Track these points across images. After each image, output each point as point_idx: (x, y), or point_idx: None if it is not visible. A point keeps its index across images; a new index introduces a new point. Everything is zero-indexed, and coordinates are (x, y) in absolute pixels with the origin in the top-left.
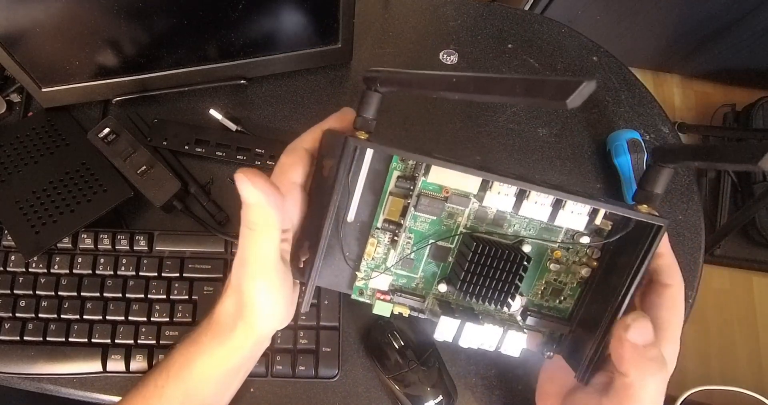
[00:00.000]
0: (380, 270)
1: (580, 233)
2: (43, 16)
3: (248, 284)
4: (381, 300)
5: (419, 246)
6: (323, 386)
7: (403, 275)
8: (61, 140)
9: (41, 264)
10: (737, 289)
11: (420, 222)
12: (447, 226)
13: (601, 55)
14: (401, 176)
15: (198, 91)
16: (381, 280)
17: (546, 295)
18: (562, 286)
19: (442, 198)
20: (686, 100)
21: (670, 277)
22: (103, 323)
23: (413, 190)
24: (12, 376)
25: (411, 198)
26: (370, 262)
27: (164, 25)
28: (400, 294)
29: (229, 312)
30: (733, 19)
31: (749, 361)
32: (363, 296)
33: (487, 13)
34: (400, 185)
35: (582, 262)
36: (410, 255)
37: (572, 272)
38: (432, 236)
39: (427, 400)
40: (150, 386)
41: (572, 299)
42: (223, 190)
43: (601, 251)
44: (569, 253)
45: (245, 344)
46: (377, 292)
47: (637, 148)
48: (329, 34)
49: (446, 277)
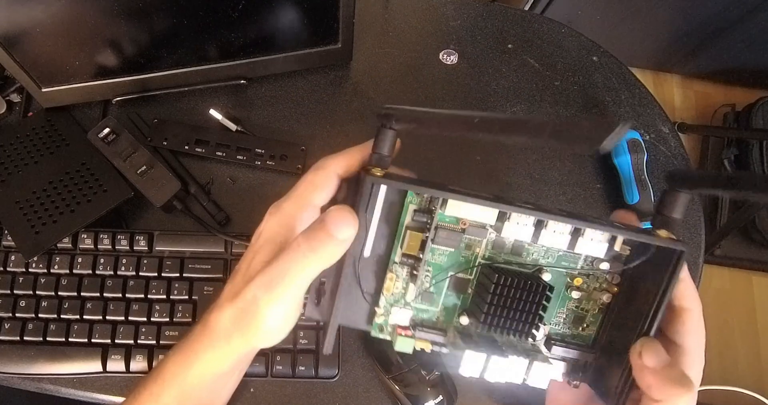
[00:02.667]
0: (400, 305)
1: (600, 259)
2: (43, 16)
3: (267, 306)
4: (402, 335)
5: (438, 279)
6: (323, 386)
7: (423, 309)
8: (61, 140)
9: (41, 264)
10: (737, 289)
11: (438, 255)
12: (465, 258)
13: (601, 55)
14: (417, 210)
15: (198, 91)
16: (401, 315)
17: (568, 323)
18: (584, 314)
19: (460, 230)
20: (686, 100)
21: (690, 301)
22: (103, 323)
23: (431, 224)
24: (12, 376)
25: (429, 231)
26: (389, 298)
27: (164, 25)
28: (421, 328)
29: (225, 324)
30: (733, 19)
31: (749, 361)
32: (383, 333)
33: (487, 13)
34: (417, 219)
35: (603, 288)
36: (429, 288)
37: (593, 299)
38: (451, 268)
39: (427, 400)
40: (144, 395)
41: (594, 326)
42: (223, 190)
43: (621, 277)
44: (590, 280)
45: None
46: (398, 327)
47: (637, 148)
48: (329, 34)
49: (467, 310)
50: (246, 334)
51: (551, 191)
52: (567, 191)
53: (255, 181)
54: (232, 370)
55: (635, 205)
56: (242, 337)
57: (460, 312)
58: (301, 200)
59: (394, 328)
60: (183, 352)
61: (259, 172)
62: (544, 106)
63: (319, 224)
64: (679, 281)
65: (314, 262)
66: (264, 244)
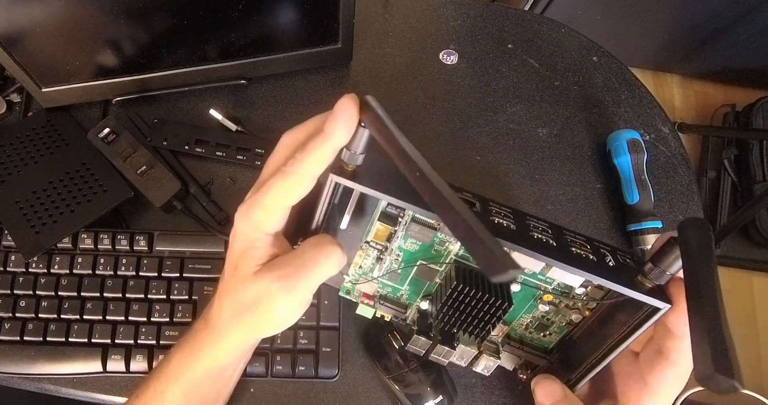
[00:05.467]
0: (367, 278)
1: (573, 288)
2: (43, 16)
3: (282, 300)
4: (365, 303)
5: (407, 264)
6: (323, 386)
7: (389, 285)
8: (61, 140)
9: (41, 264)
10: (737, 289)
11: (410, 242)
12: (437, 252)
13: (601, 55)
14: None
15: (198, 91)
16: (367, 286)
17: (531, 328)
18: (549, 323)
19: (434, 227)
20: (686, 100)
21: (681, 359)
22: (103, 323)
23: (402, 218)
24: (12, 376)
25: (399, 225)
26: (358, 270)
27: (164, 25)
28: (383, 302)
29: (227, 318)
30: (733, 19)
31: (749, 361)
32: (350, 295)
33: (487, 13)
34: (389, 211)
35: (575, 307)
36: (398, 270)
37: (562, 314)
38: (421, 258)
39: (427, 400)
40: (149, 392)
41: (557, 336)
42: (223, 190)
43: (597, 304)
44: (562, 297)
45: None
46: (363, 294)
47: (637, 148)
48: (329, 34)
49: (430, 296)
50: (252, 326)
51: (551, 191)
52: (567, 191)
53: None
54: (236, 362)
55: (635, 205)
56: (246, 329)
57: (423, 296)
58: (270, 211)
59: (360, 293)
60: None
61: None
62: (544, 106)
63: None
64: (678, 339)
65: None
66: (243, 246)
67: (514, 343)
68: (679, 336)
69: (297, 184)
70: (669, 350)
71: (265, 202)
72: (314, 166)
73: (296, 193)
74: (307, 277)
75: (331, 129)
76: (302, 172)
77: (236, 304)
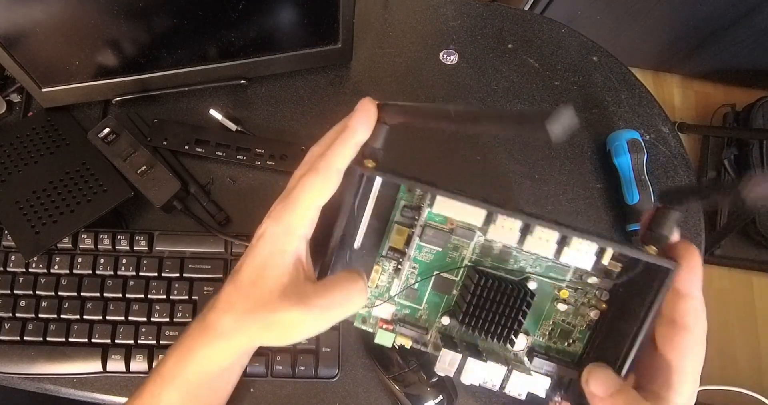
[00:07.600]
0: (384, 298)
1: (588, 273)
2: (43, 16)
3: (303, 324)
4: (383, 329)
5: (423, 276)
6: (323, 386)
7: (407, 306)
8: (61, 140)
9: (41, 264)
10: (737, 289)
11: (425, 252)
12: (452, 259)
13: (601, 55)
14: (407, 206)
15: (198, 91)
16: (384, 308)
17: (554, 337)
18: (570, 328)
19: (447, 230)
20: (686, 100)
21: (692, 320)
22: (103, 323)
23: (418, 219)
24: (12, 376)
25: (416, 227)
26: (374, 291)
27: (164, 25)
28: (403, 324)
29: (228, 324)
30: (733, 19)
31: (749, 361)
32: (366, 324)
33: (487, 13)
34: (405, 214)
35: (591, 304)
36: (414, 285)
37: (581, 314)
38: (436, 268)
39: (427, 400)
40: (146, 396)
41: (581, 343)
42: (223, 190)
43: (611, 294)
44: (577, 294)
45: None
46: (380, 320)
47: (637, 148)
48: (329, 34)
49: (450, 311)
50: (260, 339)
51: (551, 191)
52: (567, 191)
53: (255, 181)
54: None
55: (635, 205)
56: (252, 339)
57: (443, 312)
58: (303, 211)
59: (376, 320)
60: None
61: (259, 172)
62: (544, 106)
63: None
64: (688, 298)
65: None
66: (269, 257)
67: (540, 354)
68: (688, 294)
69: (327, 180)
70: (681, 314)
71: (299, 201)
72: (341, 158)
73: (327, 189)
74: (339, 315)
75: (354, 123)
76: (330, 166)
77: (252, 317)
